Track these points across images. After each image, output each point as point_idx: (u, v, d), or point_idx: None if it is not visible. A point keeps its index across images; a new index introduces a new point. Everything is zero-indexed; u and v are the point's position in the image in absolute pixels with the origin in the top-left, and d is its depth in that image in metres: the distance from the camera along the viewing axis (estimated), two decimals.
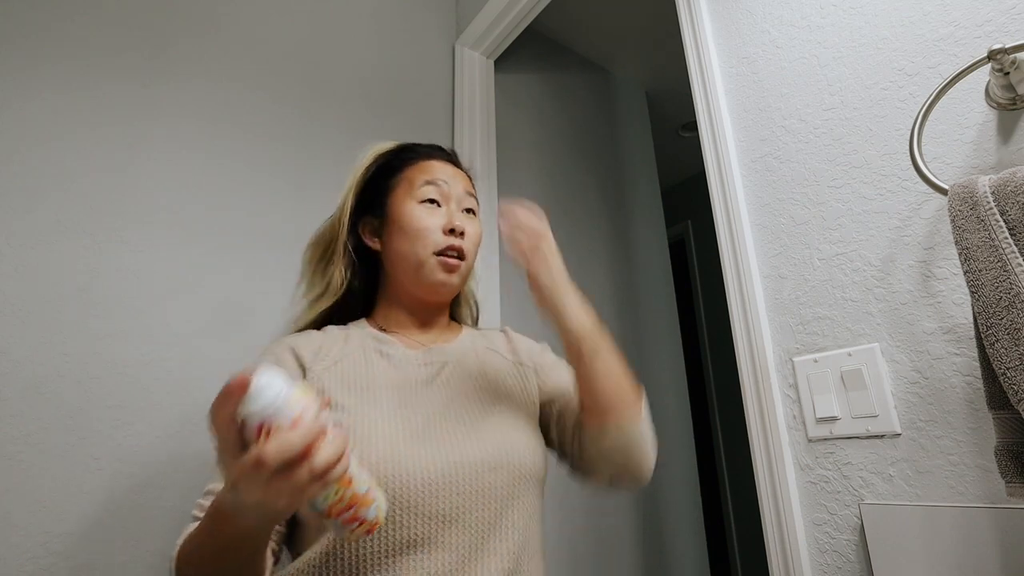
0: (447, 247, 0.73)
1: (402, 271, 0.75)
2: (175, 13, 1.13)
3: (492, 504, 0.61)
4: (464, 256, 0.74)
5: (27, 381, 0.83)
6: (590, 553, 1.47)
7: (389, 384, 0.67)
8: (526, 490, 0.64)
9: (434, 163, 0.79)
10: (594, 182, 1.96)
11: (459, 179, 0.79)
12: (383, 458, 0.58)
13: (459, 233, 0.74)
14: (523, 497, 0.64)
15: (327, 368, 0.67)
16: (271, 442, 0.38)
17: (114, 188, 0.97)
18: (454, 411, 0.66)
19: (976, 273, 0.58)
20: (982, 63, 0.65)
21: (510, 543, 0.61)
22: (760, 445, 0.84)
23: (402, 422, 0.62)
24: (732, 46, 1.01)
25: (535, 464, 0.66)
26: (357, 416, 0.62)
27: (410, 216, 0.74)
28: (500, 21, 1.55)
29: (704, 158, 1.00)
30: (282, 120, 1.22)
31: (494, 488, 0.61)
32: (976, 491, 0.65)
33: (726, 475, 2.67)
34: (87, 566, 0.82)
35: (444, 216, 0.75)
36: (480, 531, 0.59)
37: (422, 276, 0.73)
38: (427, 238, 0.72)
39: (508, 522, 0.61)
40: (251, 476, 0.39)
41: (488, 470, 0.61)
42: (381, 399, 0.64)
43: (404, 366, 0.70)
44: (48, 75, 0.96)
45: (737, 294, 0.91)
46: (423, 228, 0.73)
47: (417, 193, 0.75)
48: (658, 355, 1.93)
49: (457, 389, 0.69)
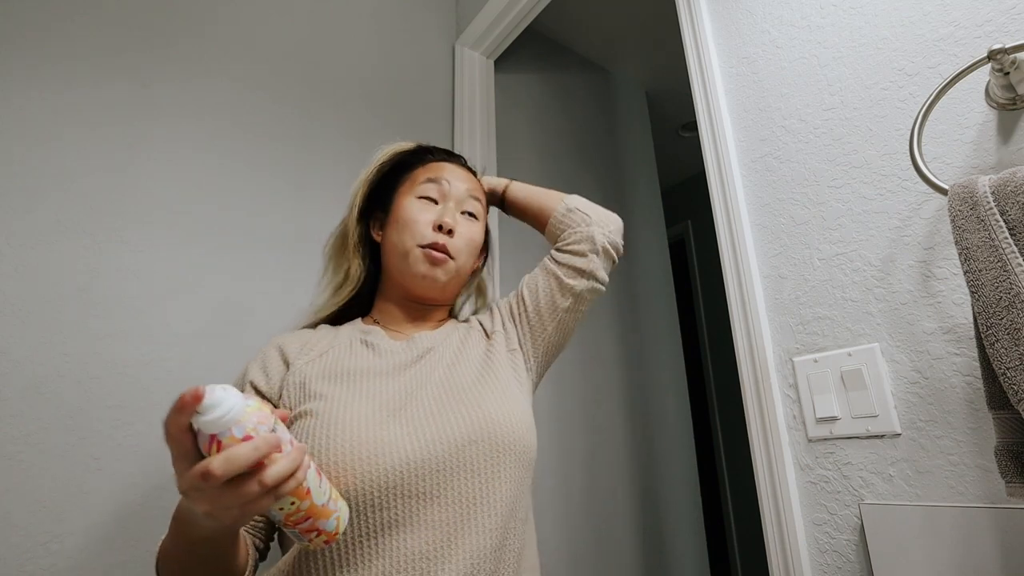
0: (431, 242, 0.73)
1: (393, 263, 0.77)
2: (175, 13, 1.13)
3: (474, 479, 0.60)
4: (452, 256, 0.75)
5: (27, 381, 0.83)
6: (590, 553, 1.47)
7: (370, 371, 0.67)
8: (509, 463, 0.63)
9: (443, 164, 0.81)
10: (594, 182, 1.96)
11: (464, 181, 0.80)
12: (358, 438, 0.58)
13: (447, 231, 0.74)
14: (506, 471, 0.63)
15: (311, 361, 0.68)
16: (219, 455, 0.39)
17: (114, 188, 0.97)
18: (432, 390, 0.66)
19: (976, 273, 0.58)
20: (982, 63, 0.65)
21: (495, 518, 0.60)
22: (760, 445, 0.84)
23: (378, 403, 0.63)
24: (732, 46, 1.01)
25: (518, 436, 0.65)
26: (333, 401, 0.62)
27: (405, 208, 0.76)
28: (500, 21, 1.55)
29: (704, 158, 1.00)
30: (282, 120, 1.22)
31: (475, 462, 0.61)
32: (976, 491, 0.65)
33: (726, 475, 2.67)
34: (87, 566, 0.82)
35: (437, 212, 0.76)
36: (463, 507, 0.59)
37: (407, 266, 0.74)
38: (415, 230, 0.74)
39: (492, 497, 0.61)
40: (199, 487, 0.40)
41: (467, 444, 0.61)
42: (360, 384, 0.65)
43: (386, 354, 0.71)
44: (48, 75, 0.96)
45: (737, 294, 0.91)
46: (413, 220, 0.75)
47: (417, 189, 0.78)
48: (658, 355, 1.93)
49: (437, 370, 0.69)
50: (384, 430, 0.59)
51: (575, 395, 1.60)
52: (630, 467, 1.68)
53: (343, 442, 0.57)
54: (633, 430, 1.73)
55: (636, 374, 1.82)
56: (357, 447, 0.57)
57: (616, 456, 1.65)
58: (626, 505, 1.62)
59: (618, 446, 1.67)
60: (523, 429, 0.66)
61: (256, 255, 1.10)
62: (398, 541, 0.56)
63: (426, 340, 0.74)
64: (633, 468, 1.69)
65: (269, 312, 1.09)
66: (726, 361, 2.75)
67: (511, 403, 0.68)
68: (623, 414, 1.72)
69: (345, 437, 0.58)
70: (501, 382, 0.70)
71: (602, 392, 1.69)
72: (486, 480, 0.61)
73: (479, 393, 0.67)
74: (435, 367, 0.70)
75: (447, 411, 0.63)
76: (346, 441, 0.58)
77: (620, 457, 1.66)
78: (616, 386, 1.74)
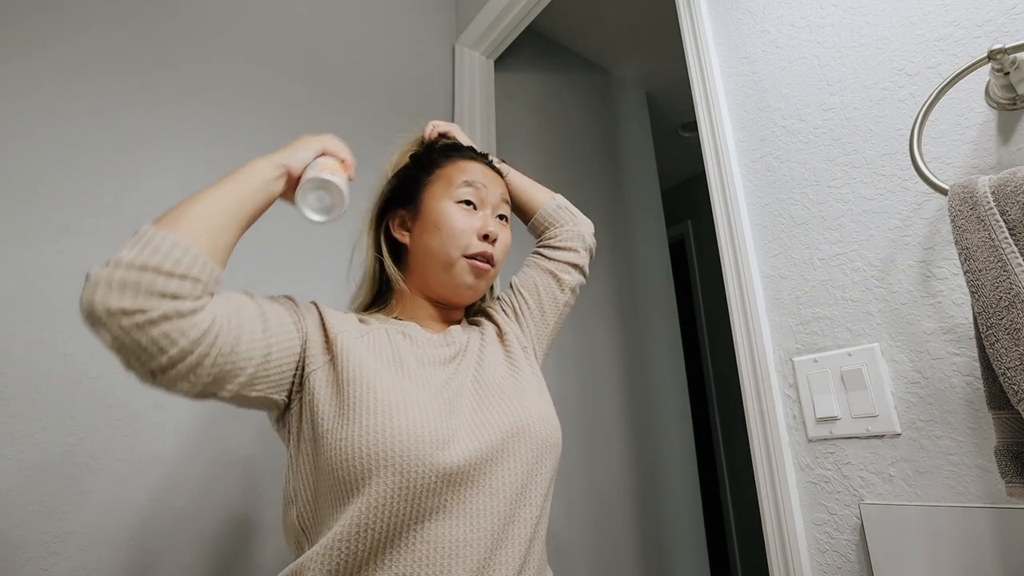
0: (479, 252, 0.72)
1: (430, 268, 0.74)
2: (175, 14, 1.13)
3: (519, 471, 0.62)
4: (494, 264, 0.75)
5: (27, 381, 0.83)
6: (590, 553, 1.47)
7: (415, 359, 0.67)
8: (547, 458, 0.66)
9: (475, 164, 0.79)
10: (594, 182, 1.96)
11: (497, 185, 0.79)
12: (426, 426, 0.58)
13: (492, 240, 0.73)
14: (545, 464, 0.66)
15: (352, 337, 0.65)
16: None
17: (114, 188, 0.97)
18: (471, 386, 0.67)
19: (976, 273, 0.58)
20: (982, 63, 0.65)
21: (534, 509, 0.63)
22: (760, 445, 0.84)
23: (433, 392, 0.63)
24: (732, 46, 1.01)
25: (551, 430, 0.68)
26: (390, 384, 0.61)
27: (446, 215, 0.73)
28: (500, 21, 1.55)
29: (704, 158, 1.00)
30: (282, 120, 1.22)
31: (521, 455, 0.63)
32: (976, 491, 0.65)
33: (726, 475, 2.67)
34: (87, 566, 0.82)
35: (480, 220, 0.74)
36: (509, 499, 0.60)
37: (451, 276, 0.72)
38: (460, 239, 0.72)
39: (533, 489, 0.63)
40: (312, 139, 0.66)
41: (512, 437, 0.63)
42: (410, 371, 0.65)
43: (426, 346, 0.70)
44: (48, 75, 0.96)
45: (737, 294, 0.91)
46: (458, 229, 0.72)
47: (455, 193, 0.74)
48: (658, 355, 1.93)
49: (478, 366, 0.71)
50: (447, 421, 0.60)
51: (575, 395, 1.60)
52: (630, 467, 1.68)
53: (411, 427, 0.57)
54: (633, 430, 1.73)
55: (636, 374, 1.82)
56: (422, 432, 0.57)
57: (616, 456, 1.65)
58: (626, 505, 1.62)
59: (618, 446, 1.67)
60: (555, 425, 0.70)
61: (256, 256, 1.10)
62: (447, 528, 0.57)
63: (460, 334, 0.75)
64: (633, 468, 1.69)
65: None
66: (726, 361, 2.75)
67: (542, 400, 0.71)
68: (623, 414, 1.72)
69: (410, 421, 0.58)
70: (529, 380, 0.73)
71: (602, 392, 1.69)
72: (530, 473, 0.63)
73: (514, 391, 0.69)
74: (469, 365, 0.70)
75: (491, 406, 0.65)
76: (412, 426, 0.57)
77: (620, 457, 1.66)
78: (616, 386, 1.74)
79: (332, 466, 0.57)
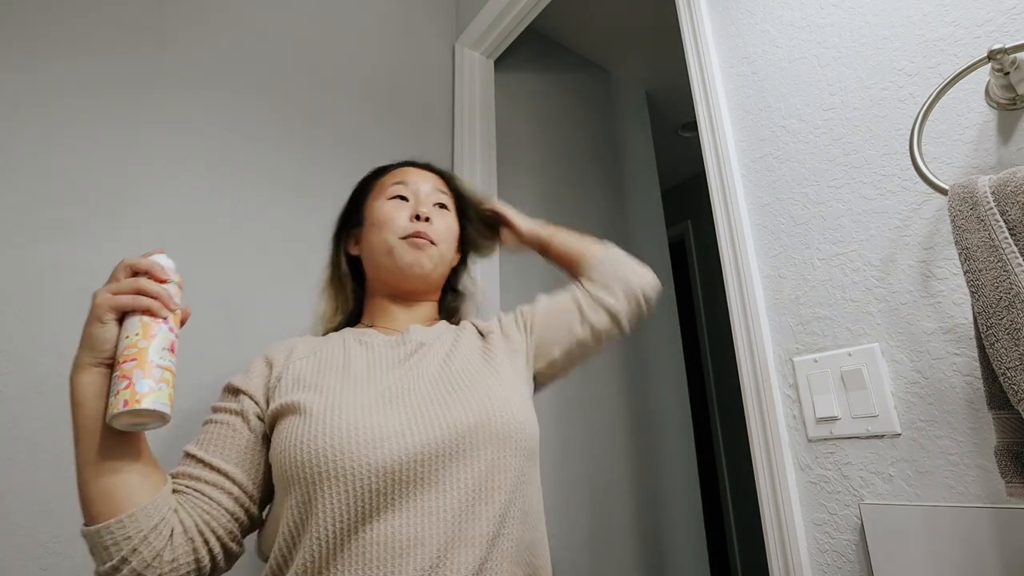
0: (413, 232, 0.76)
1: (378, 261, 0.78)
2: (175, 15, 1.13)
3: (478, 467, 0.60)
4: (433, 240, 0.78)
5: (27, 381, 0.83)
6: (590, 552, 1.47)
7: (366, 364, 0.68)
8: (512, 453, 0.63)
9: (406, 167, 0.86)
10: (594, 182, 1.96)
11: (428, 179, 0.84)
12: (358, 423, 0.58)
13: (424, 219, 0.78)
14: (509, 460, 0.62)
15: (302, 357, 0.70)
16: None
17: (114, 188, 0.97)
18: (429, 381, 0.66)
19: (976, 273, 0.58)
20: (982, 63, 0.65)
21: (496, 507, 0.60)
22: (760, 445, 0.84)
23: (376, 391, 0.63)
24: (732, 46, 1.01)
25: (518, 424, 0.65)
26: (329, 391, 0.63)
27: (380, 211, 0.79)
28: (500, 21, 1.55)
29: (704, 158, 1.00)
30: (282, 120, 1.22)
31: (480, 450, 0.61)
32: (976, 491, 0.65)
33: (726, 475, 2.67)
34: (87, 566, 0.82)
35: (411, 208, 0.79)
36: (465, 495, 0.58)
37: (393, 260, 0.76)
38: (395, 224, 0.77)
39: (494, 486, 0.60)
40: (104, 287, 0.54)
41: (468, 431, 0.61)
42: (356, 375, 0.66)
43: (381, 349, 0.72)
44: (48, 76, 0.96)
45: (737, 294, 0.91)
46: (391, 218, 0.78)
47: (387, 192, 0.81)
48: (658, 355, 1.93)
49: (432, 363, 0.70)
50: (384, 416, 0.60)
51: (575, 395, 1.60)
52: (630, 467, 1.68)
53: (342, 427, 0.58)
54: (633, 430, 1.73)
55: (636, 374, 1.82)
56: (356, 432, 0.57)
57: (616, 456, 1.65)
58: (626, 504, 1.62)
59: (618, 446, 1.67)
60: (523, 417, 0.66)
61: (256, 255, 1.10)
62: (394, 527, 0.56)
63: (419, 334, 0.75)
64: (633, 468, 1.69)
65: (268, 315, 1.09)
66: (726, 361, 2.75)
67: (510, 392, 0.67)
68: (623, 414, 1.72)
69: (344, 422, 0.58)
70: (500, 374, 0.70)
71: (602, 392, 1.69)
72: (488, 468, 0.61)
73: (478, 383, 0.67)
74: (431, 360, 0.70)
75: (447, 399, 0.63)
76: (345, 426, 0.58)
77: (620, 457, 1.66)
78: (616, 386, 1.74)
79: (276, 477, 0.61)
